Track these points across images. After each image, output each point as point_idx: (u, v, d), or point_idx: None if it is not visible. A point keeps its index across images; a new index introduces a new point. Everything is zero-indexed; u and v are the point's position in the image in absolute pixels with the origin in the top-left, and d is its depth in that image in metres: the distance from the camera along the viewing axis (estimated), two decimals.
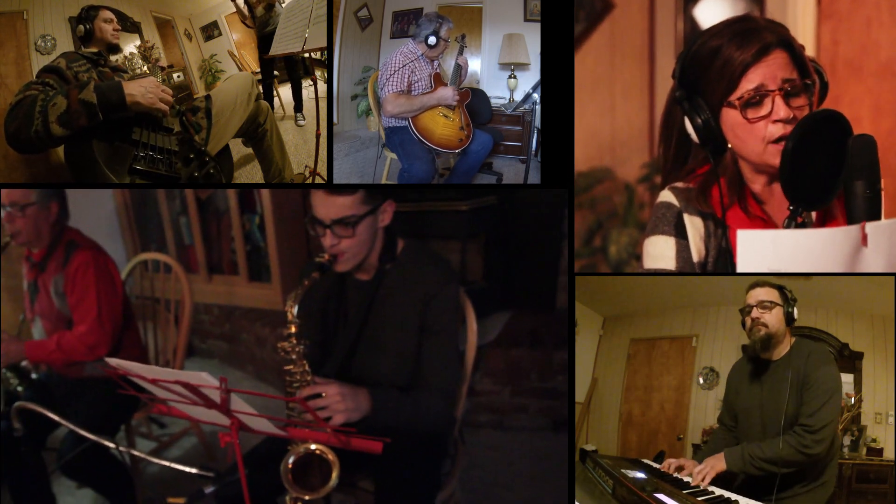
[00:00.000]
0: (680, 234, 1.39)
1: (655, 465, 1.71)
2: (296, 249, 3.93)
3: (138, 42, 2.50)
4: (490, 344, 3.39)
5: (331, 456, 1.43)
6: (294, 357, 1.65)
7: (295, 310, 1.64)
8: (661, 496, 1.47)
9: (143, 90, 1.92)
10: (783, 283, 1.62)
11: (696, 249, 1.39)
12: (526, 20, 2.73)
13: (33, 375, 2.40)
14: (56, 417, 1.52)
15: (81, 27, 2.13)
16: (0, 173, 2.15)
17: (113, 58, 2.21)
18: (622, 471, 1.67)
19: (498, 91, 2.87)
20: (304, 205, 3.90)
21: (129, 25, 2.43)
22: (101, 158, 1.93)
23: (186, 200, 4.20)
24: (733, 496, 1.47)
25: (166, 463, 1.45)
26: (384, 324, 1.79)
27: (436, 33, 2.43)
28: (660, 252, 1.40)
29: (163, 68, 2.58)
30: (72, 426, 1.48)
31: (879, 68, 3.08)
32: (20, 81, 2.07)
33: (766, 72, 1.29)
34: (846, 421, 1.88)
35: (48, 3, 2.32)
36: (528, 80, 2.78)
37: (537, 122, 2.51)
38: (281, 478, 1.46)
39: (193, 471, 1.37)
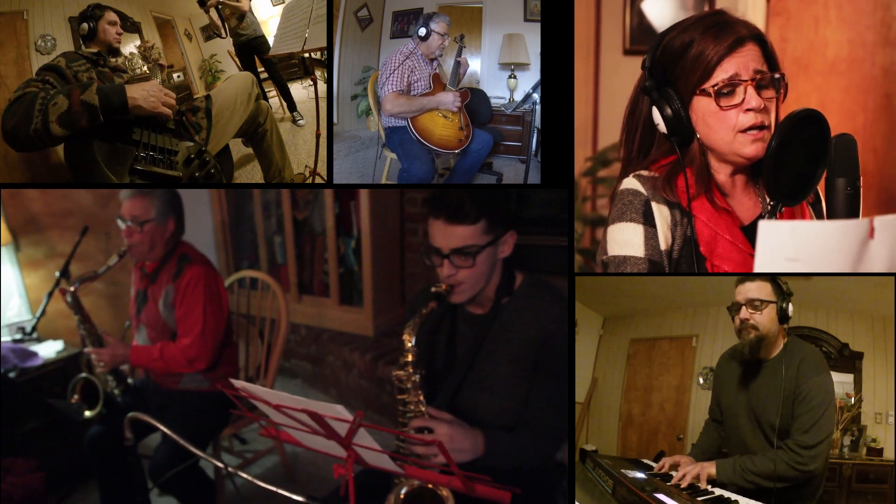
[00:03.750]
0: (648, 221, 1.39)
1: (655, 466, 1.71)
2: (390, 276, 3.88)
3: (138, 42, 2.50)
4: None
5: (445, 492, 1.41)
6: (409, 387, 1.59)
7: (413, 339, 1.59)
8: (661, 496, 1.47)
9: (146, 94, 1.91)
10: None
11: (664, 238, 1.39)
12: (526, 20, 2.73)
13: (129, 381, 2.42)
14: (168, 431, 1.48)
15: (85, 25, 2.12)
16: (0, 173, 2.15)
17: (113, 59, 2.21)
18: (622, 471, 1.67)
19: (498, 91, 2.87)
20: (402, 231, 3.85)
21: (129, 25, 2.43)
22: (101, 158, 1.93)
23: (283, 219, 4.18)
24: (733, 496, 1.47)
25: (275, 488, 1.35)
26: (496, 360, 1.71)
27: (426, 24, 2.43)
28: (627, 239, 1.39)
29: (163, 67, 2.58)
30: (184, 442, 1.44)
31: (826, 67, 3.09)
32: (20, 81, 2.06)
33: (741, 62, 1.33)
34: (846, 421, 1.88)
35: (48, 3, 2.32)
36: (528, 80, 2.78)
37: (537, 122, 2.50)
38: None
39: (301, 499, 1.31)
